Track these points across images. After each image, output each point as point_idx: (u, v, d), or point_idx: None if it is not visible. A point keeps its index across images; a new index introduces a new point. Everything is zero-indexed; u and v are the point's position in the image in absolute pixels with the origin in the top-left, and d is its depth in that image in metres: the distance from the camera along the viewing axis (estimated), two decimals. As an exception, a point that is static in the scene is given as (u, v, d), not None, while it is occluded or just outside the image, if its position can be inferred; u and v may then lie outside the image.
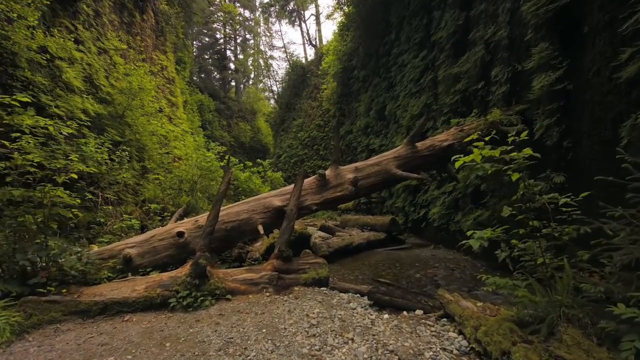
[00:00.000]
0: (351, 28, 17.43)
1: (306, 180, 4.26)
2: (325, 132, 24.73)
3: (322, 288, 3.61)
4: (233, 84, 44.74)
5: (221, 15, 40.53)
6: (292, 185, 3.97)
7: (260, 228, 3.84)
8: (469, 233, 2.64)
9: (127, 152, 7.99)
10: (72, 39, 8.55)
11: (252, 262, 4.56)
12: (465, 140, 4.15)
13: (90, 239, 6.28)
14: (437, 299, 3.80)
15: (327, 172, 4.36)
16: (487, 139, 3.31)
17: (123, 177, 7.68)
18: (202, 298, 3.05)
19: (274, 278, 3.45)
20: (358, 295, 3.48)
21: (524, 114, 5.21)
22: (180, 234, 3.78)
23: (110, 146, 8.31)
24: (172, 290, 3.04)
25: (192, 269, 3.10)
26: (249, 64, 45.56)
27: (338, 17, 22.70)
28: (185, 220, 4.08)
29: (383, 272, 5.39)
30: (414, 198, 9.46)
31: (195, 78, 36.76)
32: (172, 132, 14.45)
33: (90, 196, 6.29)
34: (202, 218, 3.90)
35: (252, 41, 45.79)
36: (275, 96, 42.82)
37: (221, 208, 4.12)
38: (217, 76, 41.95)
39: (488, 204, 5.91)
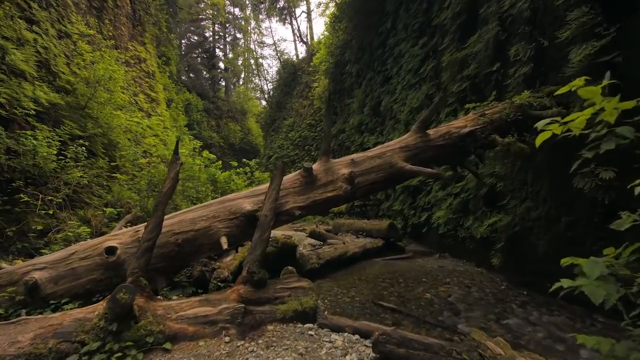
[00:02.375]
0: (343, 20, 16.51)
1: (287, 177, 3.26)
2: (317, 132, 23.76)
3: (306, 325, 2.60)
4: (223, 83, 43.71)
5: (210, 13, 39.49)
6: (268, 184, 2.96)
7: (224, 241, 2.82)
8: (564, 262, 1.54)
9: (83, 148, 6.85)
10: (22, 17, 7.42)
11: (219, 285, 3.51)
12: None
13: (34, 251, 5.17)
14: (463, 335, 2.82)
15: (315, 166, 3.36)
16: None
17: (79, 176, 6.54)
18: (120, 354, 1.99)
19: (239, 314, 2.43)
20: (357, 336, 2.48)
21: (554, 97, 4.29)
22: (110, 251, 2.71)
23: (67, 141, 7.20)
24: (75, 342, 2.00)
25: (107, 308, 2.06)
26: (239, 63, 44.58)
27: (331, 11, 21.82)
28: (123, 230, 3.01)
29: (384, 290, 4.40)
30: (414, 200, 8.51)
31: (184, 78, 35.70)
32: (149, 129, 13.29)
33: (25, 198, 5.16)
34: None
35: (242, 41, 44.84)
36: (266, 96, 41.93)
37: (174, 214, 3.09)
38: (207, 75, 40.89)
39: (508, 206, 4.97)
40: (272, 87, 38.38)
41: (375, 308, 3.70)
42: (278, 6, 34.61)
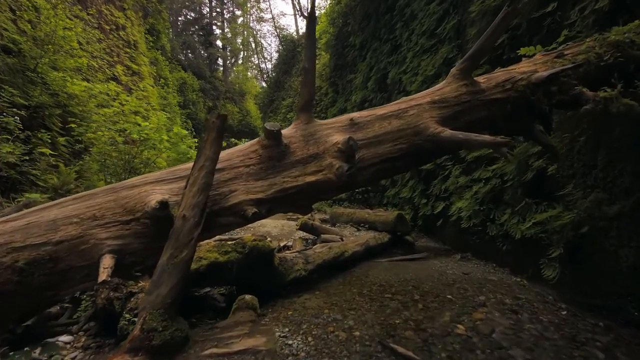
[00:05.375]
0: (347, -18, 14.75)
1: (236, 149, 1.89)
2: (317, 113, 22.24)
3: None
4: (220, 63, 42.12)
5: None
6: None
7: (107, 263, 1.48)
8: None
9: (16, 118, 5.48)
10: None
11: (135, 321, 2.23)
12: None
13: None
14: None
15: (288, 130, 1.98)
16: None
17: (7, 152, 5.21)
18: None
19: None
20: None
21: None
22: None
23: (5, 110, 5.87)
24: None
25: None
26: (238, 42, 42.74)
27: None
28: None
29: (396, 316, 3.09)
30: (428, 187, 7.15)
31: (182, 57, 34.29)
32: (127, 104, 11.79)
33: None
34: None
35: (241, 19, 42.81)
36: (265, 76, 40.31)
37: (20, 213, 1.74)
38: (204, 54, 39.30)
39: (570, 198, 3.58)
40: (271, 66, 36.65)
41: (384, 355, 2.39)
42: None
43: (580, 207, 3.45)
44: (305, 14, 29.30)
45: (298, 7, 31.69)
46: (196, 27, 39.97)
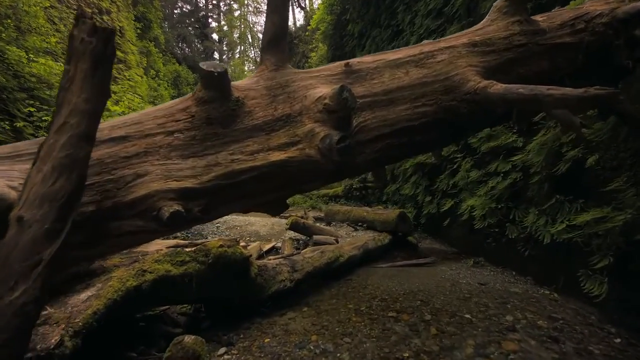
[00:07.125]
0: (346, -34, 13.98)
1: (158, 107, 1.19)
2: (314, 107, 21.52)
3: None
4: (216, 56, 41.35)
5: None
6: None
7: None
8: None
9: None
10: None
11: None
12: None
13: None
14: None
15: (246, 81, 1.26)
16: None
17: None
18: None
19: None
20: None
21: None
22: None
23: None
24: None
25: None
26: (234, 35, 41.99)
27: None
28: None
29: (403, 346, 2.41)
30: (432, 182, 6.45)
31: (177, 50, 33.54)
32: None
33: None
34: None
35: (238, 12, 42.02)
36: (262, 70, 39.61)
37: None
38: (200, 48, 38.54)
39: (621, 196, 2.87)
40: (267, 59, 35.85)
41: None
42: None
43: (632, 206, 2.76)
44: (302, 5, 28.48)
45: (296, -1, 30.79)
46: (192, 19, 39.17)
